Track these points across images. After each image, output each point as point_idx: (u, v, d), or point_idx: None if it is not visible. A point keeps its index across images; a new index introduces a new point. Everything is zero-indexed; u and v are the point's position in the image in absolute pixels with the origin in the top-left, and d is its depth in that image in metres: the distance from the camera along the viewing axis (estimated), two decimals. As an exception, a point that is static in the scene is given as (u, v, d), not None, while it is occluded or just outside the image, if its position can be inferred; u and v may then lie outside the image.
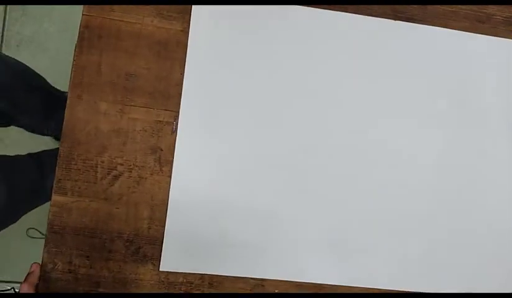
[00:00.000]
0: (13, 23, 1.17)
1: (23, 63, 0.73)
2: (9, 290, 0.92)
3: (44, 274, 0.46)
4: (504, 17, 0.53)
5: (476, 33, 0.53)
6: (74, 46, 0.49)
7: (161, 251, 0.48)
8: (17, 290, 0.89)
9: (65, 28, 1.21)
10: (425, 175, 0.51)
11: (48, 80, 0.85)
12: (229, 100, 0.50)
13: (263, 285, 0.49)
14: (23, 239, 1.31)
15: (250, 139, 0.50)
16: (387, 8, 0.51)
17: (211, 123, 0.49)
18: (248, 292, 0.49)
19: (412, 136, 0.51)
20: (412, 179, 0.51)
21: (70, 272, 0.47)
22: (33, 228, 1.30)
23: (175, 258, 0.48)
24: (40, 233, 1.32)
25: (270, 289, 0.49)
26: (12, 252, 1.31)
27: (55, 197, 0.47)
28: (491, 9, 0.53)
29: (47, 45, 1.20)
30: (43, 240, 1.46)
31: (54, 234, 0.47)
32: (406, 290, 0.50)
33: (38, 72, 0.80)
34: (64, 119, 0.48)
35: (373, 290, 0.50)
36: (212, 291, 0.48)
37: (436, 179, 0.51)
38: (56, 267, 0.46)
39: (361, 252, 0.50)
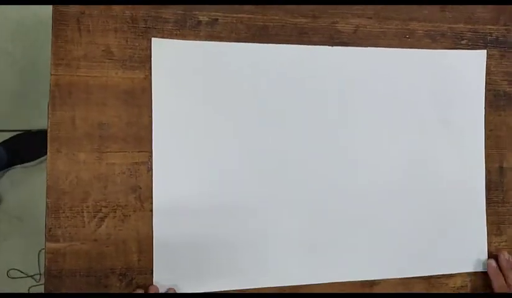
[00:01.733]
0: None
1: None
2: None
3: (47, 317, 0.51)
4: (425, 31, 0.61)
5: (405, 47, 0.61)
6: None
7: (152, 279, 0.53)
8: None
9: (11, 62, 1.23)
10: (382, 176, 0.59)
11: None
12: (196, 134, 0.55)
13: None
14: (4, 280, 1.31)
15: (220, 165, 0.55)
16: (324, 36, 0.58)
17: (183, 157, 0.55)
18: (234, 302, 0.55)
19: (367, 144, 0.59)
20: (372, 182, 0.59)
21: (71, 311, 0.51)
22: (14, 269, 1.31)
23: (166, 283, 0.53)
24: (21, 272, 1.33)
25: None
26: (-5, 295, 1.30)
27: (49, 245, 0.51)
28: (413, 25, 0.60)
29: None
30: (25, 279, 1.47)
31: (53, 278, 0.51)
32: (374, 278, 0.58)
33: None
34: (47, 173, 0.52)
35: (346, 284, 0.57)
36: (203, 307, 0.54)
37: (392, 178, 0.59)
38: (58, 308, 0.51)
39: (328, 252, 0.57)
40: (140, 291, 0.52)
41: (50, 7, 0.53)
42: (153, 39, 0.54)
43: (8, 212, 1.32)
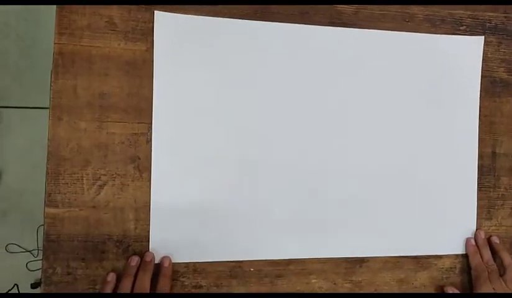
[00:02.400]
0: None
1: None
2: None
3: (45, 279, 0.52)
4: (425, 15, 0.62)
5: (404, 31, 0.61)
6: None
7: (148, 247, 0.54)
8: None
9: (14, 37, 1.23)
10: (376, 157, 0.60)
11: None
12: (195, 107, 0.56)
13: (240, 266, 0.57)
14: (2, 255, 1.34)
15: (218, 137, 0.57)
16: (324, 16, 0.59)
17: (181, 129, 0.56)
18: (227, 273, 0.56)
19: (362, 125, 0.60)
20: (366, 163, 0.60)
21: (69, 274, 0.53)
22: (12, 244, 1.33)
23: (161, 252, 0.54)
24: (20, 247, 1.35)
25: (246, 268, 0.57)
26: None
27: (48, 210, 0.53)
28: (413, 9, 0.61)
29: None
30: (24, 254, 1.50)
31: (51, 243, 0.53)
32: (364, 256, 0.59)
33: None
34: (48, 139, 0.53)
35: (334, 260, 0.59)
36: (197, 276, 0.55)
37: (385, 160, 0.60)
38: (56, 271, 0.52)
39: (321, 228, 0.59)
40: (136, 258, 0.53)
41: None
42: (155, 12, 0.55)
43: (8, 187, 1.33)
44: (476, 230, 0.63)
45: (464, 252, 0.62)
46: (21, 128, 1.31)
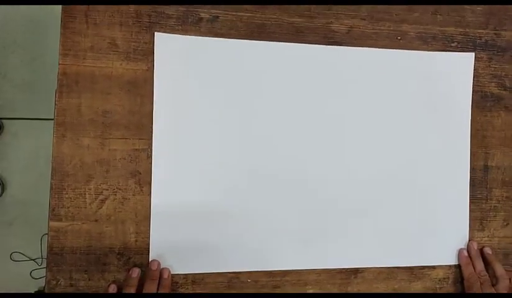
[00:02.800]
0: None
1: None
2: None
3: (49, 290, 0.54)
4: (417, 33, 0.64)
5: (397, 49, 0.63)
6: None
7: (148, 259, 0.56)
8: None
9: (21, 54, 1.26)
10: (371, 171, 0.62)
11: None
12: (193, 124, 0.58)
13: (238, 277, 0.59)
14: (7, 263, 1.35)
15: (216, 151, 0.59)
16: (318, 36, 0.61)
17: (180, 144, 0.58)
18: (225, 284, 0.58)
19: (357, 140, 0.62)
20: (361, 176, 0.62)
21: (71, 286, 0.55)
22: (17, 252, 1.35)
23: (161, 263, 0.56)
24: (24, 256, 1.37)
25: (244, 279, 0.58)
26: (-1, 275, 1.34)
27: (52, 223, 0.55)
28: (405, 27, 0.63)
29: None
30: (28, 263, 1.51)
31: (55, 255, 0.55)
32: (358, 266, 0.61)
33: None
34: (52, 156, 0.55)
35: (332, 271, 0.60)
36: (196, 287, 0.57)
37: (380, 173, 0.62)
38: (59, 283, 0.54)
39: (319, 240, 0.61)
40: (137, 270, 0.55)
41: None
42: (156, 33, 0.57)
43: (13, 197, 1.36)
44: (469, 241, 0.64)
45: (457, 263, 0.64)
46: (26, 139, 1.33)
